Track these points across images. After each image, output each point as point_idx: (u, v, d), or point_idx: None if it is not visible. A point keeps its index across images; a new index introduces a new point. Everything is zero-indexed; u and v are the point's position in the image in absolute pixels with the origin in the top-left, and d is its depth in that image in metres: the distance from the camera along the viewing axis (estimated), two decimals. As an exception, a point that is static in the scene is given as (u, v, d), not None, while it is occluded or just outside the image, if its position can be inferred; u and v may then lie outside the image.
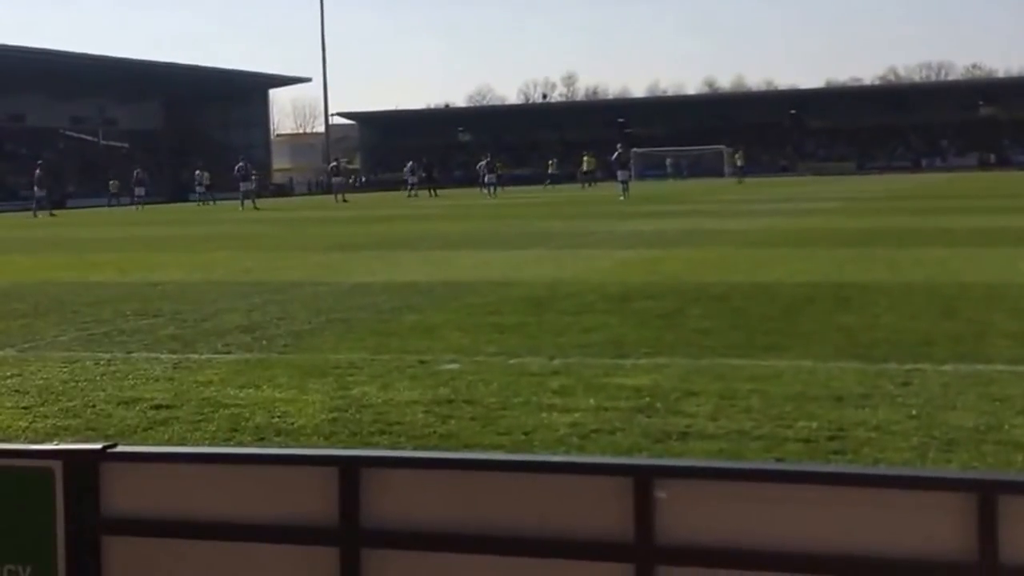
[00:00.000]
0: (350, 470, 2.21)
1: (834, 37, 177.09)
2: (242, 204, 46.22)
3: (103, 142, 75.13)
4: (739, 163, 65.29)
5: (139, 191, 53.39)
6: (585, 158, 62.57)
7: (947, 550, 1.92)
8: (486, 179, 53.78)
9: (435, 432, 5.80)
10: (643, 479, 2.07)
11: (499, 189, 53.25)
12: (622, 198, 42.23)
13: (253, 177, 50.73)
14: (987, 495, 1.90)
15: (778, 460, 4.94)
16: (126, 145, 77.11)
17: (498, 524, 2.13)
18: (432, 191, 55.43)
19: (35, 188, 48.13)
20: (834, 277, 12.68)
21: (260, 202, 49.31)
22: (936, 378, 6.73)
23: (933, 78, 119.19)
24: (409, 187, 57.00)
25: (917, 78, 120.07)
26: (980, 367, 7.08)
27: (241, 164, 51.00)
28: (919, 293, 10.93)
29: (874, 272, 13.16)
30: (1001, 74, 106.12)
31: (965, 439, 5.33)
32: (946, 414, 5.82)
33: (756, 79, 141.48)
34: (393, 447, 5.44)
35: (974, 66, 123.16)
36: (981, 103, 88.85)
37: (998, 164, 78.54)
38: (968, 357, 7.42)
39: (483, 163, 56.09)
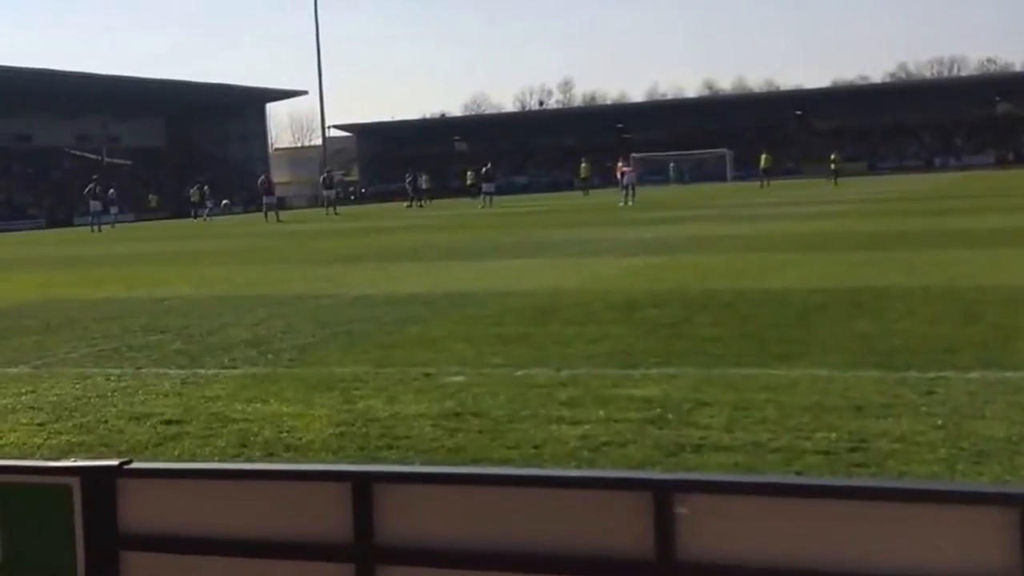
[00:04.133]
0: (364, 486, 2.18)
1: (839, 34, 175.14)
2: (266, 216, 45.75)
3: (107, 160, 75.34)
4: (765, 166, 61.30)
5: (113, 210, 51.50)
6: (583, 165, 63.64)
7: (986, 568, 1.85)
8: (483, 188, 53.42)
9: (443, 446, 5.74)
10: (663, 494, 2.03)
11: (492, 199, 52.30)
12: (622, 204, 42.31)
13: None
14: None
15: (798, 473, 4.81)
16: (129, 162, 77.38)
17: (515, 540, 2.10)
18: (421, 202, 55.79)
19: (91, 202, 47.46)
20: (848, 282, 12.28)
21: (252, 216, 49.11)
22: (962, 386, 6.48)
23: (946, 74, 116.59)
24: (410, 197, 57.15)
25: (928, 74, 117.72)
26: (1008, 374, 6.82)
27: (263, 178, 50.81)
28: (939, 297, 10.59)
29: (890, 276, 12.74)
30: (1018, 68, 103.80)
31: (996, 450, 5.14)
32: (974, 424, 5.61)
33: (758, 80, 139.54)
34: (402, 461, 5.38)
35: (989, 60, 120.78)
36: (997, 99, 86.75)
37: (1016, 162, 76.26)
38: (995, 364, 7.15)
39: (483, 171, 55.67)
